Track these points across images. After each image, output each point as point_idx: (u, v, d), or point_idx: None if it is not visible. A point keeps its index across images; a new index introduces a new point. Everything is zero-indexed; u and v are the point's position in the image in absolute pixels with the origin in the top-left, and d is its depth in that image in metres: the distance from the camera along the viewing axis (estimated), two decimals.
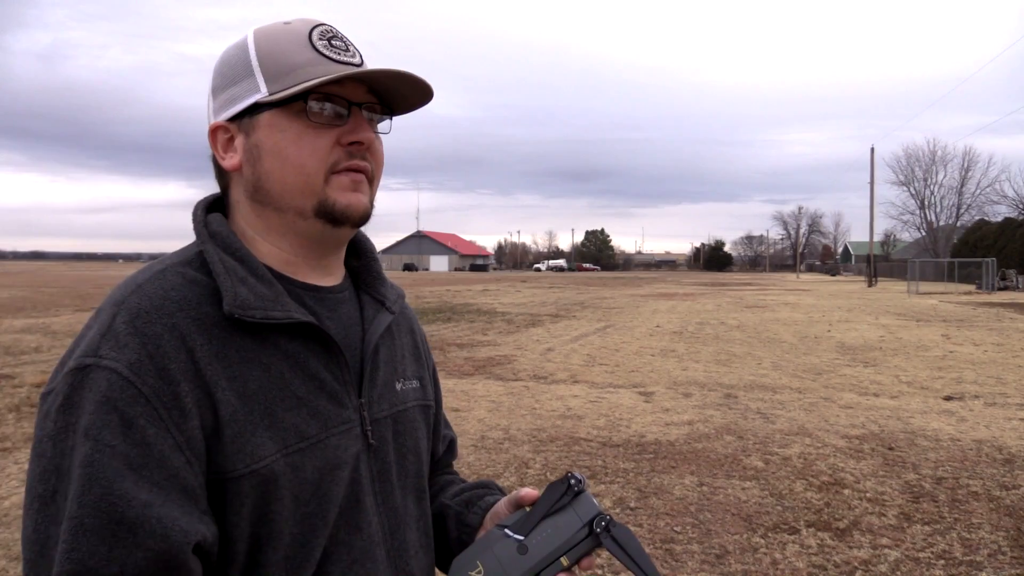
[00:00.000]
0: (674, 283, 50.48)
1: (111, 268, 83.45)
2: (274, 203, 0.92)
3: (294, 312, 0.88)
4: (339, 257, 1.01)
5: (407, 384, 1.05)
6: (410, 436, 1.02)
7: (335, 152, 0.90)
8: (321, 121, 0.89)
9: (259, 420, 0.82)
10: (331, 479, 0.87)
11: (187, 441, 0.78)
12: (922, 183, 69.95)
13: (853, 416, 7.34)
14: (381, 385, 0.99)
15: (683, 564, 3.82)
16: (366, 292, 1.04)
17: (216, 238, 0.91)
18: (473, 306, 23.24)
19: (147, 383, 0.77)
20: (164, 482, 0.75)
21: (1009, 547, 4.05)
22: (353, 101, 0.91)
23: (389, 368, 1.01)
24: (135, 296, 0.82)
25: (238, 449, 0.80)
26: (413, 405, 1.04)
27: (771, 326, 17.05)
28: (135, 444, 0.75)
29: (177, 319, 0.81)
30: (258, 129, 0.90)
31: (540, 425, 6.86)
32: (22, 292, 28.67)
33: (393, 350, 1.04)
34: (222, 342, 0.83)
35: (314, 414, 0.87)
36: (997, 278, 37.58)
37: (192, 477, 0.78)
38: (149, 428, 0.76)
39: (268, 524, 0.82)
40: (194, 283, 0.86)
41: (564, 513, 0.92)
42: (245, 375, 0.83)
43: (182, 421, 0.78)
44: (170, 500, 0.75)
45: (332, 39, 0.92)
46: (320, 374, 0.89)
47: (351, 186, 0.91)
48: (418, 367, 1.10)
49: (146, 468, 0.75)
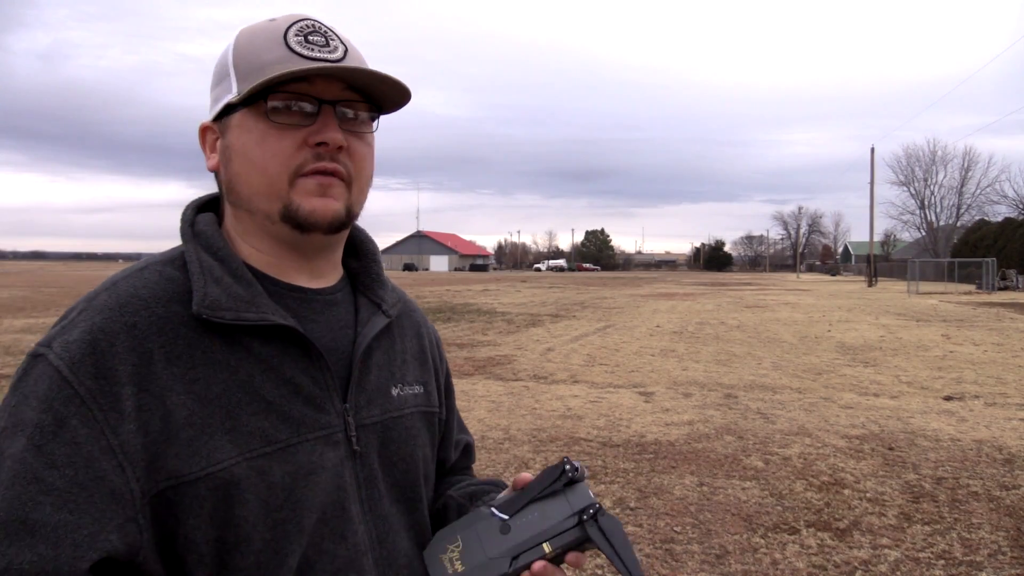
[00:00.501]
0: (674, 283, 50.47)
1: (111, 268, 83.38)
2: (244, 205, 0.90)
3: (269, 314, 0.85)
4: (330, 259, 0.98)
5: (407, 390, 1.01)
6: (404, 443, 0.99)
7: (301, 154, 0.86)
8: (284, 121, 0.86)
9: (219, 423, 0.81)
10: (305, 485, 0.85)
11: (121, 444, 0.77)
12: (922, 183, 69.99)
13: (853, 416, 7.34)
14: (372, 390, 0.95)
15: (683, 564, 3.82)
16: (363, 294, 1.01)
17: (200, 237, 0.90)
18: (473, 306, 23.23)
19: (84, 384, 0.77)
20: (88, 483, 0.75)
21: (1009, 547, 4.04)
22: (324, 99, 0.87)
23: (384, 373, 0.98)
24: (105, 293, 0.83)
25: (194, 452, 0.79)
26: (413, 411, 1.01)
27: (771, 326, 17.05)
28: (64, 443, 0.75)
29: (139, 318, 0.81)
30: (230, 130, 0.89)
31: (540, 425, 6.85)
32: (22, 292, 28.67)
33: (392, 354, 1.01)
34: (188, 342, 0.82)
35: (285, 419, 0.85)
36: (997, 278, 37.56)
37: (122, 482, 0.76)
38: (81, 428, 0.76)
39: (234, 528, 0.81)
40: (170, 281, 0.85)
41: (555, 499, 0.88)
42: (208, 377, 0.82)
43: (118, 424, 0.77)
44: (90, 504, 0.75)
45: (310, 35, 0.88)
46: (296, 378, 0.87)
47: (317, 190, 0.87)
48: (423, 372, 1.07)
49: (70, 467, 0.75)
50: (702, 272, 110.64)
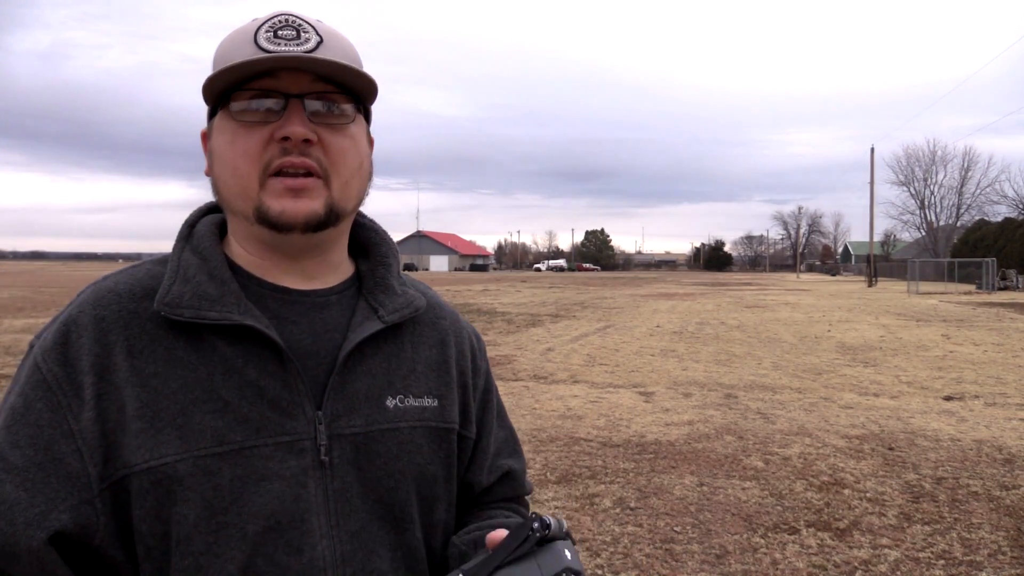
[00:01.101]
0: (674, 283, 50.48)
1: (111, 268, 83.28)
2: (228, 207, 0.90)
3: (235, 314, 0.83)
4: (324, 260, 0.94)
5: (410, 402, 0.94)
6: (394, 458, 0.91)
7: (269, 150, 0.84)
8: (250, 119, 0.84)
9: (170, 419, 0.81)
10: (255, 490, 0.82)
11: (80, 430, 0.80)
12: (922, 183, 69.99)
13: (853, 416, 7.34)
14: (357, 398, 0.89)
15: (683, 564, 3.82)
16: (364, 299, 0.96)
17: (193, 238, 0.91)
18: (473, 306, 23.23)
19: (51, 370, 0.82)
20: (46, 463, 0.79)
21: (1009, 547, 4.05)
22: (291, 93, 0.84)
23: (379, 381, 0.92)
24: (90, 288, 0.88)
25: (140, 444, 0.80)
26: (414, 426, 0.93)
27: (771, 326, 17.05)
28: (28, 425, 0.80)
29: (108, 311, 0.84)
30: (213, 133, 0.90)
31: (540, 425, 6.85)
32: (22, 292, 28.68)
33: (395, 363, 0.95)
34: (151, 338, 0.84)
35: (242, 421, 0.82)
36: (997, 278, 37.58)
37: (79, 465, 0.80)
38: (45, 412, 0.81)
39: (176, 526, 0.80)
40: (152, 278, 0.88)
41: (525, 562, 0.78)
42: (166, 373, 0.82)
43: (79, 410, 0.81)
44: (46, 483, 0.78)
45: (280, 29, 0.85)
46: (261, 381, 0.84)
47: (286, 192, 0.84)
48: (440, 385, 0.99)
49: (31, 448, 0.79)
50: (702, 272, 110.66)
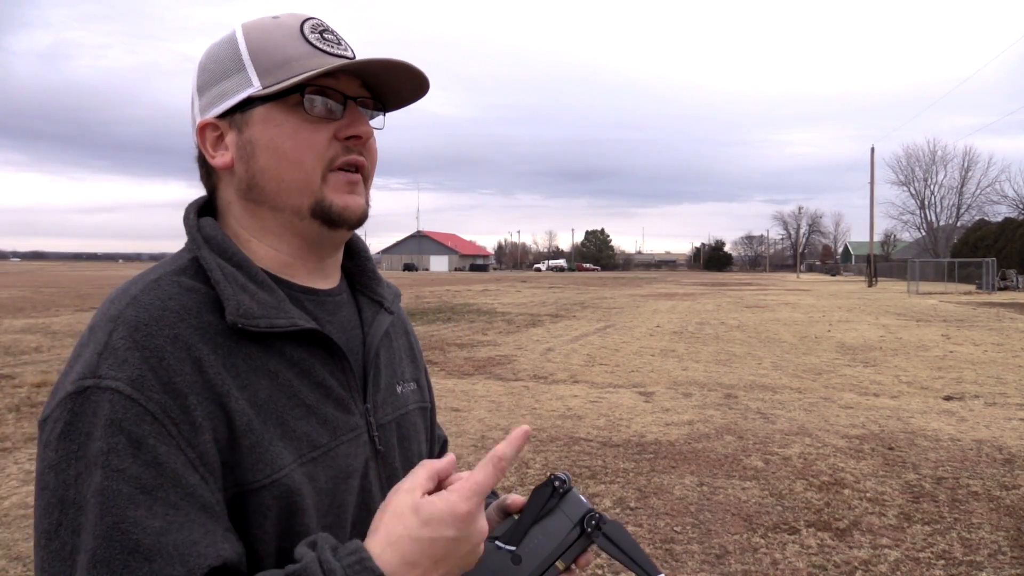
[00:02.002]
0: (674, 283, 50.47)
1: (111, 268, 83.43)
2: (270, 201, 0.88)
3: (298, 319, 0.85)
4: (337, 259, 0.98)
5: (406, 387, 1.02)
6: (413, 440, 1.00)
7: (332, 147, 0.87)
8: (319, 116, 0.87)
9: (273, 429, 0.80)
10: (345, 488, 0.85)
11: (199, 457, 0.74)
12: (922, 183, 70.09)
13: (853, 416, 7.34)
14: (384, 389, 0.96)
15: (683, 564, 3.82)
16: (363, 293, 1.01)
17: (211, 243, 0.87)
18: (473, 306, 23.21)
19: (152, 399, 0.72)
20: (180, 502, 0.71)
21: (1009, 547, 4.05)
22: (348, 95, 0.88)
23: (390, 371, 0.99)
24: (131, 308, 0.78)
25: (257, 459, 0.77)
26: (413, 408, 1.02)
27: (771, 326, 17.05)
28: (146, 465, 0.71)
29: (179, 329, 0.77)
30: (252, 125, 0.87)
31: (540, 425, 6.85)
32: (22, 292, 28.67)
33: (392, 353, 1.02)
34: (228, 351, 0.80)
35: (323, 422, 0.85)
36: (997, 278, 37.57)
37: (209, 494, 0.74)
38: (160, 447, 0.72)
39: (295, 538, 0.78)
40: (192, 292, 0.82)
41: (553, 516, 0.89)
42: (254, 384, 0.80)
43: (193, 436, 0.74)
44: (189, 521, 0.71)
45: (324, 32, 0.90)
46: (326, 381, 0.87)
47: (347, 188, 0.88)
48: (415, 369, 1.08)
49: (160, 489, 0.71)
50: (702, 272, 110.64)
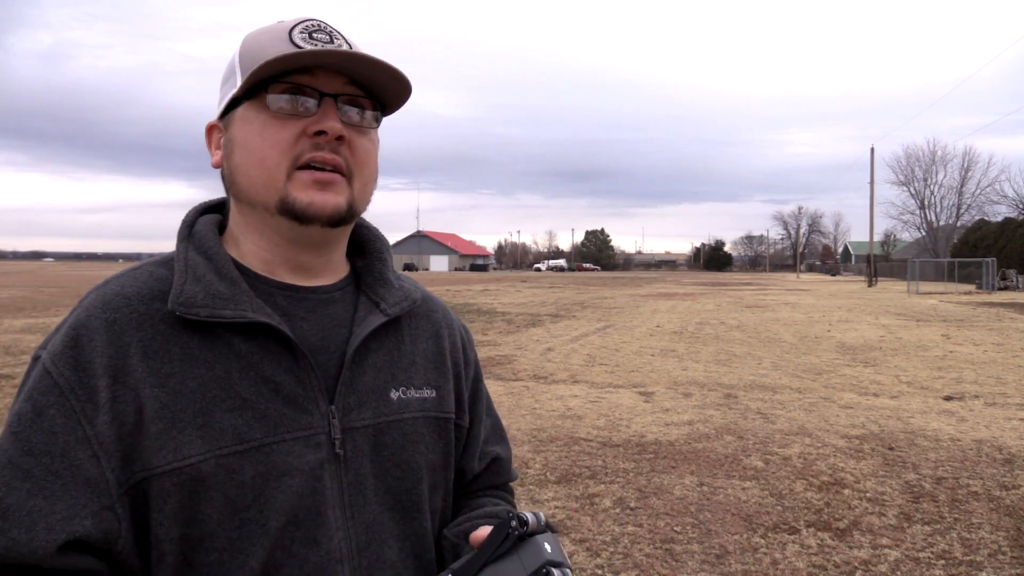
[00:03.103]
0: (674, 283, 50.47)
1: (111, 268, 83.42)
2: (245, 198, 0.90)
3: (249, 312, 0.85)
4: (329, 257, 0.96)
5: (412, 393, 0.97)
6: (401, 449, 0.94)
7: (300, 144, 0.86)
8: (284, 112, 0.86)
9: (191, 419, 0.81)
10: (276, 486, 0.83)
11: (97, 435, 0.79)
12: (922, 183, 70.03)
13: (853, 416, 7.34)
14: (365, 392, 0.92)
15: (683, 564, 3.82)
16: (364, 293, 0.99)
17: (194, 238, 0.91)
18: (473, 306, 23.23)
19: (64, 375, 0.80)
20: (63, 471, 0.77)
21: (1009, 547, 4.05)
22: (325, 92, 0.87)
23: (384, 375, 0.95)
24: (95, 293, 0.87)
25: (162, 446, 0.80)
26: (417, 416, 0.97)
27: (771, 326, 17.05)
28: (40, 431, 0.78)
29: (120, 314, 0.83)
30: (233, 123, 0.90)
31: (540, 425, 6.85)
32: (22, 292, 28.67)
33: (396, 356, 0.98)
34: (165, 338, 0.83)
35: (261, 417, 0.84)
36: (997, 278, 37.56)
37: (97, 470, 0.78)
38: (59, 418, 0.79)
39: (198, 526, 0.80)
40: (158, 280, 0.87)
41: (508, 560, 0.81)
42: (184, 372, 0.82)
43: (94, 415, 0.79)
44: (63, 492, 0.77)
45: (315, 32, 0.89)
46: (276, 377, 0.86)
47: (314, 185, 0.87)
48: (438, 376, 1.02)
49: (46, 455, 0.77)
50: (702, 272, 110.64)
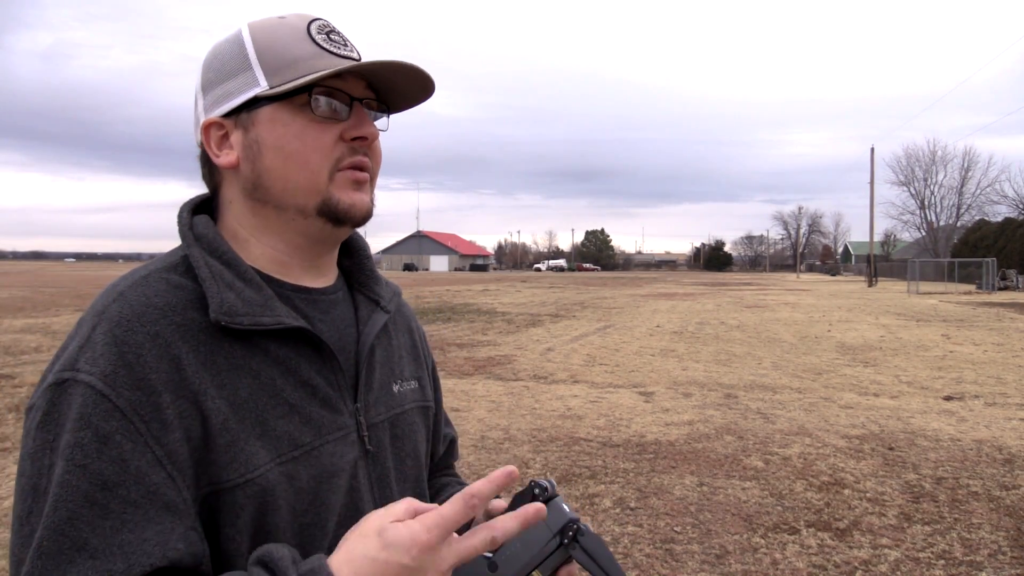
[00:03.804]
0: (674, 283, 50.46)
1: (111, 268, 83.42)
2: (275, 200, 0.89)
3: (284, 317, 0.85)
4: (333, 257, 0.99)
5: (405, 385, 1.02)
6: (409, 440, 0.99)
7: (338, 148, 0.88)
8: (325, 116, 0.87)
9: (251, 428, 0.80)
10: (328, 488, 0.85)
11: (168, 455, 0.74)
12: (922, 183, 70.04)
13: (853, 416, 7.34)
14: (378, 388, 0.96)
15: (683, 564, 3.82)
16: (360, 292, 1.01)
17: (202, 241, 0.88)
18: (473, 306, 23.22)
19: (123, 396, 0.74)
20: (140, 500, 0.72)
21: (1009, 547, 4.05)
22: (354, 96, 0.89)
23: (386, 370, 0.99)
24: (116, 304, 0.79)
25: (232, 458, 0.78)
26: (412, 407, 1.02)
27: (771, 326, 17.05)
28: (111, 461, 0.72)
29: (160, 327, 0.78)
30: (258, 124, 0.88)
31: (540, 425, 6.85)
32: (22, 292, 28.66)
33: (390, 351, 1.02)
34: (210, 349, 0.80)
35: (307, 421, 0.85)
36: (997, 278, 37.56)
37: (175, 492, 0.74)
38: (126, 443, 0.73)
39: (267, 536, 0.80)
40: (179, 288, 0.83)
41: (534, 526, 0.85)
42: (235, 382, 0.81)
43: (163, 434, 0.74)
44: (146, 519, 0.72)
45: (330, 33, 0.91)
46: (312, 380, 0.87)
47: (354, 185, 0.89)
48: (416, 367, 1.08)
49: (121, 487, 0.72)
50: (702, 272, 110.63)
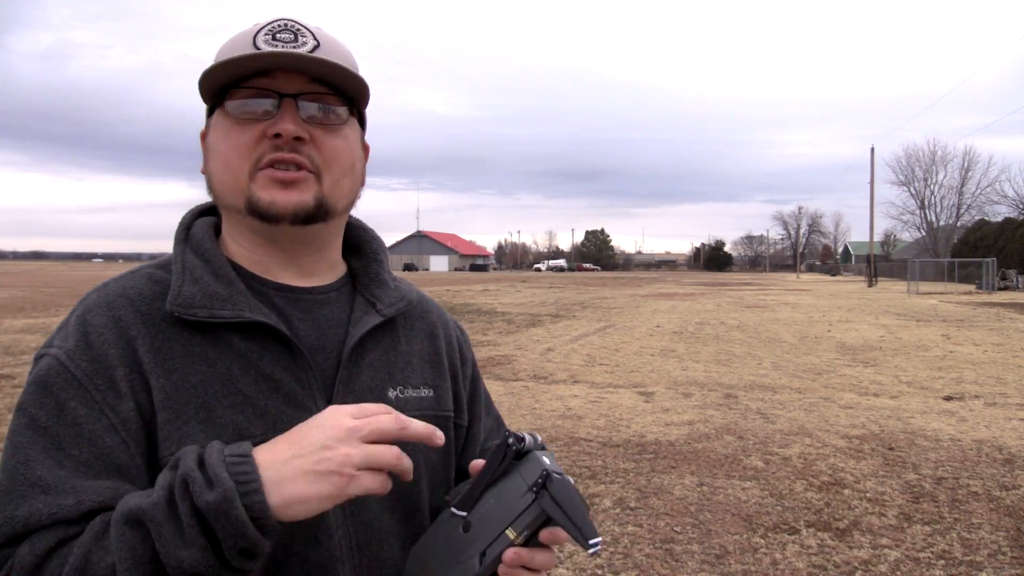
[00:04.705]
0: (674, 283, 50.46)
1: (111, 268, 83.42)
2: (220, 202, 0.93)
3: (247, 312, 0.86)
4: (320, 256, 0.97)
5: (409, 392, 0.98)
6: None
7: (261, 146, 0.87)
8: (244, 116, 0.88)
9: (193, 413, 0.82)
10: None
11: (123, 422, 0.80)
12: (922, 183, 70.03)
13: (853, 416, 7.34)
14: (362, 391, 0.93)
15: (683, 564, 3.82)
16: (360, 293, 1.01)
17: (191, 240, 0.93)
18: (473, 306, 23.22)
19: (81, 367, 0.81)
20: (93, 461, 0.78)
21: (1009, 547, 4.05)
22: (285, 92, 0.88)
23: (381, 374, 0.96)
24: (95, 293, 0.89)
25: (167, 436, 0.81)
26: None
27: (771, 326, 17.04)
28: (66, 424, 0.79)
29: (124, 312, 0.85)
30: (209, 131, 0.93)
31: (540, 425, 6.85)
32: (22, 292, 28.67)
33: (393, 355, 0.99)
34: (166, 336, 0.85)
35: (261, 414, 0.85)
36: (997, 278, 37.55)
37: (127, 457, 0.80)
38: (80, 408, 0.80)
39: None
40: (157, 282, 0.89)
41: (509, 479, 0.81)
42: (186, 368, 0.84)
43: (117, 403, 0.81)
44: (98, 478, 0.77)
45: (280, 32, 0.89)
46: (276, 375, 0.87)
47: (274, 183, 0.87)
48: (435, 376, 1.04)
49: (75, 447, 0.78)
50: (702, 272, 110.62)
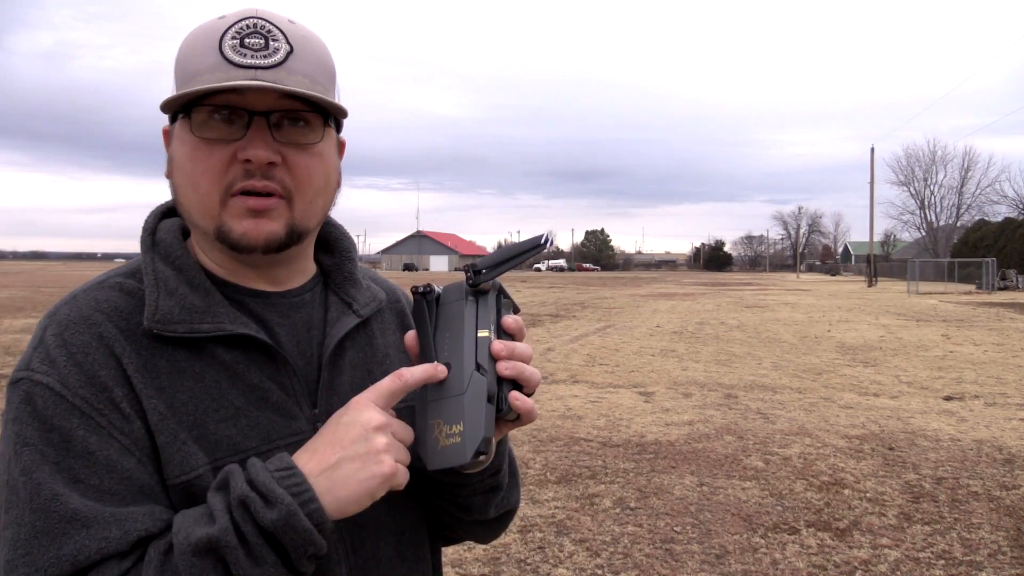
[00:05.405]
0: (674, 283, 50.46)
1: (110, 268, 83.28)
2: (188, 219, 0.87)
3: (227, 324, 0.83)
4: (290, 267, 0.93)
5: None
6: None
7: (232, 170, 0.81)
8: (211, 136, 0.81)
9: (188, 431, 0.80)
10: None
11: (134, 442, 0.77)
12: (922, 183, 70.14)
13: (853, 416, 7.34)
14: (345, 391, 0.90)
15: (683, 564, 3.82)
16: (334, 293, 0.97)
17: (159, 247, 0.88)
18: None
19: (78, 394, 0.76)
20: (116, 487, 0.75)
21: (1009, 547, 4.05)
22: (256, 110, 0.81)
23: (360, 372, 0.94)
24: (66, 307, 0.82)
25: (168, 459, 0.78)
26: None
27: (771, 326, 17.04)
28: (77, 456, 0.74)
29: (104, 328, 0.80)
30: (172, 138, 0.86)
31: (540, 425, 6.85)
32: (22, 292, 28.67)
33: (370, 351, 0.97)
34: (151, 353, 0.81)
35: (254, 426, 0.83)
36: (997, 278, 37.57)
37: (147, 476, 0.77)
38: (90, 437, 0.75)
39: None
40: (130, 294, 0.84)
41: (443, 316, 0.83)
42: (174, 386, 0.80)
43: (124, 424, 0.77)
44: (125, 504, 0.74)
45: (248, 37, 0.81)
46: (263, 385, 0.85)
47: (247, 212, 0.82)
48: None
49: (94, 476, 0.74)
50: (702, 272, 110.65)
